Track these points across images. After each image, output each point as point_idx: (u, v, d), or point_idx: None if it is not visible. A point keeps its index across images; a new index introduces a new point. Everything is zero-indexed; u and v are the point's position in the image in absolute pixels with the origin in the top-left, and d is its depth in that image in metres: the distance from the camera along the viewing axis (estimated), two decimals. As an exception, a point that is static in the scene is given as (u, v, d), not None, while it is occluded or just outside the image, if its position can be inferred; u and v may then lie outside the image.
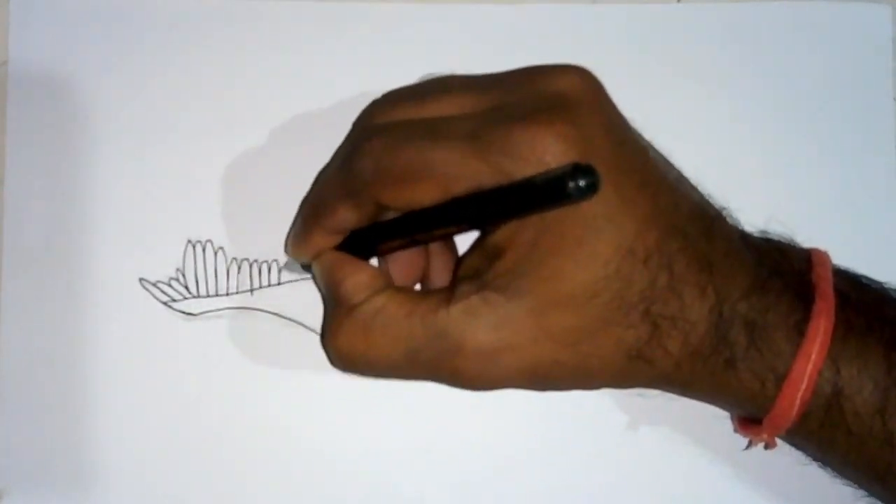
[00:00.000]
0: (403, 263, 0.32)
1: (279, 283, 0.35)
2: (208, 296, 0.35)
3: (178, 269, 0.35)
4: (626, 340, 0.28)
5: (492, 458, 0.35)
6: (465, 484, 0.35)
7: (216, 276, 0.35)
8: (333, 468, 0.35)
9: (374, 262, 0.33)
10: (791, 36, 0.37)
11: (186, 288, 0.35)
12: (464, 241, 0.32)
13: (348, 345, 0.30)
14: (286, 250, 0.35)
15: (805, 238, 0.32)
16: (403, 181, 0.28)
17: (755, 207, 0.35)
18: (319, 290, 0.33)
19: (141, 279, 0.35)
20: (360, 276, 0.30)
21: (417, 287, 0.34)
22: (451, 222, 0.28)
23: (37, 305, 0.35)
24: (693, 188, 0.30)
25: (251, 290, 0.35)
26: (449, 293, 0.29)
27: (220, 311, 0.35)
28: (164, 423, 0.35)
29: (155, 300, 0.35)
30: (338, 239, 0.31)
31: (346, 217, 0.30)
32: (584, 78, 0.29)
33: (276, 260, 0.36)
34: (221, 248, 0.36)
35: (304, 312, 0.35)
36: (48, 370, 0.35)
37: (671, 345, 0.28)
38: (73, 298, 0.35)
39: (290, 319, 0.35)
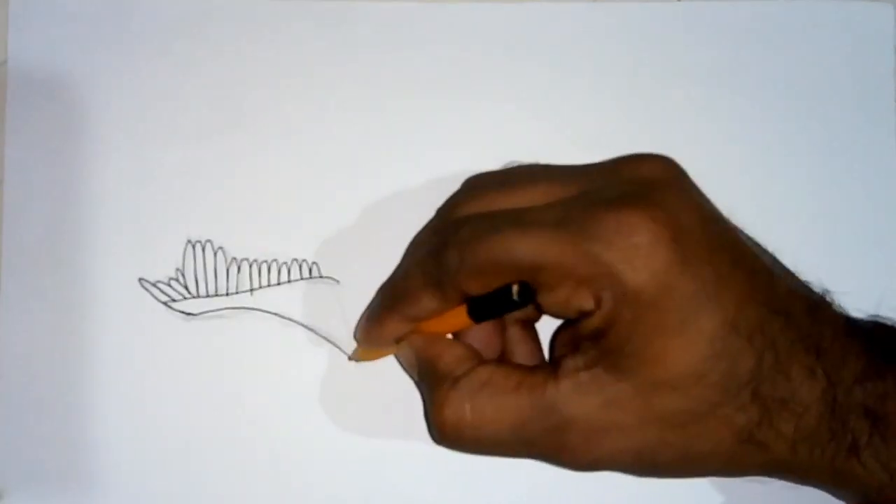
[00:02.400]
0: (481, 339, 0.32)
1: (279, 283, 0.35)
2: (208, 296, 0.35)
3: (177, 269, 0.35)
4: (737, 423, 0.28)
5: (492, 459, 0.35)
6: (465, 484, 0.35)
7: (216, 276, 0.35)
8: (333, 468, 0.35)
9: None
10: (792, 35, 0.37)
11: (186, 288, 0.35)
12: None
13: (455, 418, 0.29)
14: (356, 336, 0.34)
15: (804, 238, 0.32)
16: (491, 271, 0.28)
17: (755, 208, 0.35)
18: (408, 371, 0.33)
19: (141, 279, 0.35)
20: (457, 350, 0.31)
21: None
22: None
23: (37, 305, 0.35)
24: (789, 273, 0.30)
25: (251, 290, 0.35)
26: (553, 369, 0.29)
27: (220, 311, 0.35)
28: (163, 423, 0.35)
29: (155, 300, 0.35)
30: (413, 326, 0.31)
31: (428, 305, 0.30)
32: (666, 164, 0.30)
33: (275, 260, 0.36)
34: (221, 248, 0.36)
35: (304, 312, 0.35)
36: (48, 370, 0.35)
37: (784, 427, 0.28)
38: (73, 298, 0.35)
39: (290, 319, 0.35)
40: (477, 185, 0.32)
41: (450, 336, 0.32)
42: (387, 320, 0.31)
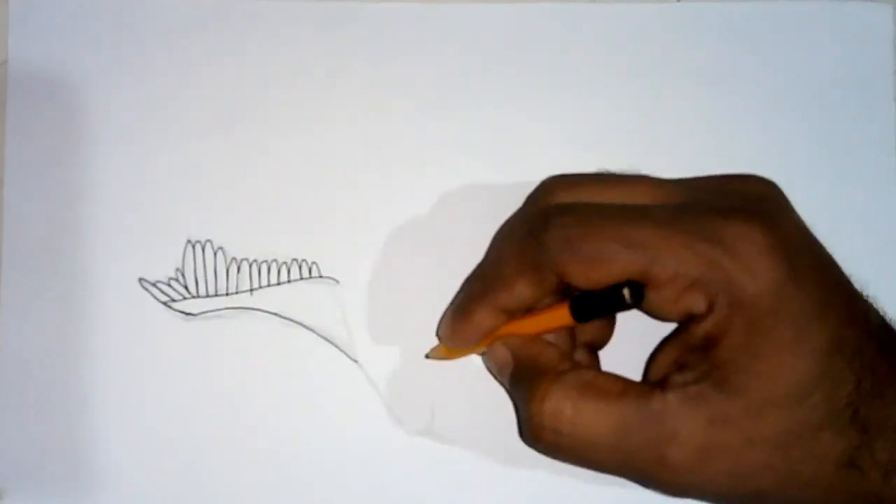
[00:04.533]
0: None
1: (279, 283, 0.35)
2: (208, 296, 0.35)
3: (177, 269, 0.35)
4: (838, 447, 0.27)
5: (492, 459, 0.35)
6: (465, 484, 0.35)
7: (216, 275, 0.35)
8: (333, 468, 0.35)
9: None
10: (791, 35, 0.37)
11: (186, 288, 0.35)
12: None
13: (556, 412, 0.28)
14: (440, 334, 0.33)
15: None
16: (597, 260, 0.27)
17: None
18: (496, 373, 0.32)
19: (140, 279, 0.35)
20: (556, 350, 0.30)
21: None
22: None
23: (37, 305, 0.35)
24: (871, 306, 0.29)
25: (251, 290, 0.35)
26: (657, 383, 0.28)
27: (220, 311, 0.35)
28: (163, 423, 0.35)
29: (154, 300, 0.35)
30: (503, 321, 0.30)
31: (523, 293, 0.29)
32: (770, 185, 0.30)
33: (275, 260, 0.36)
34: (221, 248, 0.36)
35: (304, 312, 0.35)
36: (48, 370, 0.35)
37: (880, 454, 0.27)
38: (72, 298, 0.35)
39: (289, 319, 0.35)
40: (569, 179, 0.31)
41: None
42: (476, 311, 0.30)
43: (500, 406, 0.34)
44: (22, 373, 0.35)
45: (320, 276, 0.36)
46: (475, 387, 0.34)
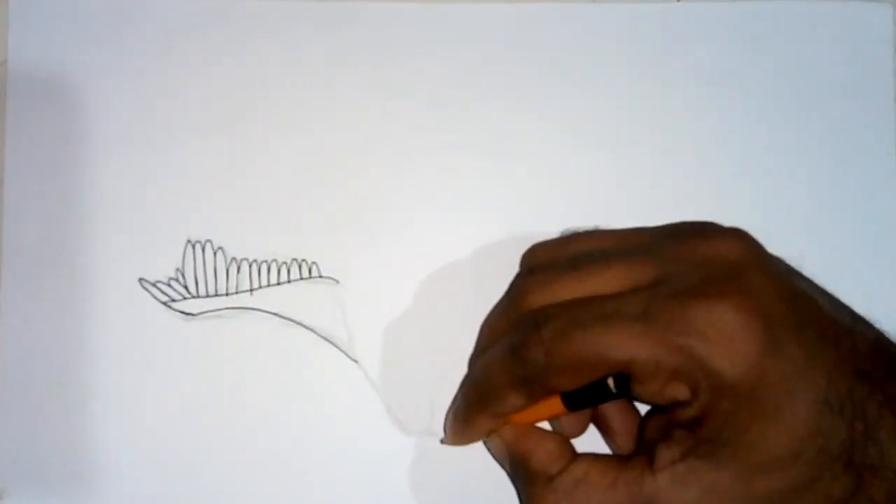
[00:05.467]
0: (567, 422, 0.32)
1: (279, 283, 0.35)
2: (208, 296, 0.35)
3: (177, 269, 0.35)
4: (834, 494, 0.27)
5: (492, 458, 0.35)
6: (465, 484, 0.35)
7: (216, 275, 0.35)
8: (333, 468, 0.35)
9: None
10: (792, 35, 0.37)
11: (186, 288, 0.35)
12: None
13: None
14: (445, 432, 0.34)
15: (804, 238, 0.32)
16: (579, 368, 0.28)
17: (755, 208, 0.35)
18: (500, 463, 0.33)
19: (140, 279, 0.35)
20: (549, 444, 0.30)
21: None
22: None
23: (36, 305, 0.35)
24: (868, 325, 0.30)
25: (251, 290, 0.35)
26: (648, 460, 0.29)
27: (220, 311, 0.35)
28: (163, 423, 0.35)
29: (154, 300, 0.35)
30: (502, 422, 0.31)
31: (516, 403, 0.30)
32: (743, 240, 0.29)
33: (275, 260, 0.36)
34: (221, 248, 0.36)
35: (304, 312, 0.35)
36: (48, 370, 0.35)
37: (876, 494, 0.27)
38: (72, 298, 0.35)
39: (289, 319, 0.35)
40: (544, 267, 0.31)
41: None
42: (475, 419, 0.31)
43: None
44: (22, 373, 0.35)
45: (320, 276, 0.36)
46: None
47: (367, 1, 0.37)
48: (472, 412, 0.31)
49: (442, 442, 0.34)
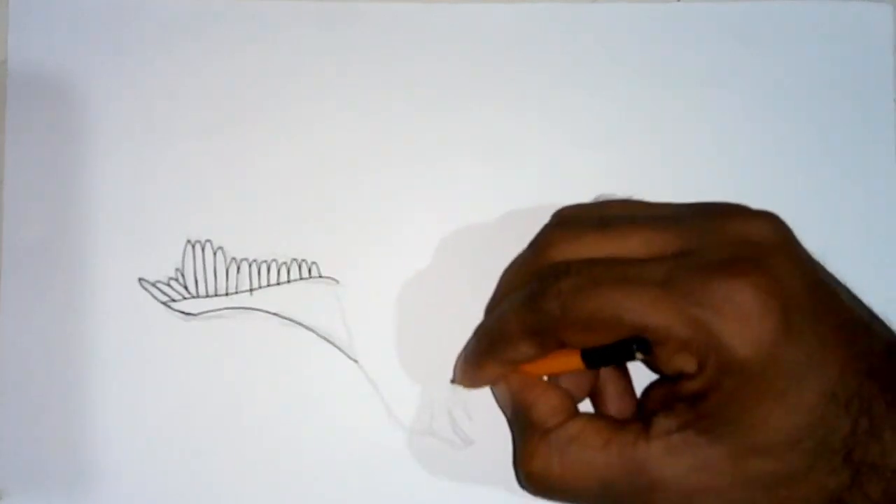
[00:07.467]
0: (573, 382, 0.32)
1: (278, 283, 0.35)
2: (207, 296, 0.35)
3: (177, 269, 0.35)
4: (828, 487, 0.27)
5: (492, 458, 0.35)
6: (465, 484, 0.35)
7: (215, 275, 0.35)
8: (333, 468, 0.35)
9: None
10: (791, 36, 0.37)
11: (186, 288, 0.35)
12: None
13: (543, 470, 0.29)
14: (455, 374, 0.34)
15: (804, 237, 0.32)
16: (593, 326, 0.28)
17: (755, 206, 0.35)
18: (503, 411, 0.33)
19: (140, 279, 0.35)
20: (552, 398, 0.30)
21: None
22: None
23: (36, 305, 0.35)
24: (885, 326, 0.30)
25: (251, 290, 0.35)
26: (644, 426, 0.29)
27: (220, 311, 0.35)
28: (163, 423, 0.35)
29: (154, 300, 0.35)
30: (512, 370, 0.31)
31: (527, 352, 0.30)
32: (774, 224, 0.29)
33: (275, 260, 0.36)
34: (221, 248, 0.36)
35: (304, 312, 0.35)
36: (48, 370, 0.35)
37: (872, 491, 0.27)
38: (72, 298, 0.35)
39: (289, 319, 0.35)
40: (573, 223, 0.31)
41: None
42: (485, 364, 0.31)
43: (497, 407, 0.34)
44: (22, 373, 0.35)
45: (320, 276, 0.36)
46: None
47: (367, 1, 0.37)
48: (482, 357, 0.31)
49: (452, 382, 0.34)
